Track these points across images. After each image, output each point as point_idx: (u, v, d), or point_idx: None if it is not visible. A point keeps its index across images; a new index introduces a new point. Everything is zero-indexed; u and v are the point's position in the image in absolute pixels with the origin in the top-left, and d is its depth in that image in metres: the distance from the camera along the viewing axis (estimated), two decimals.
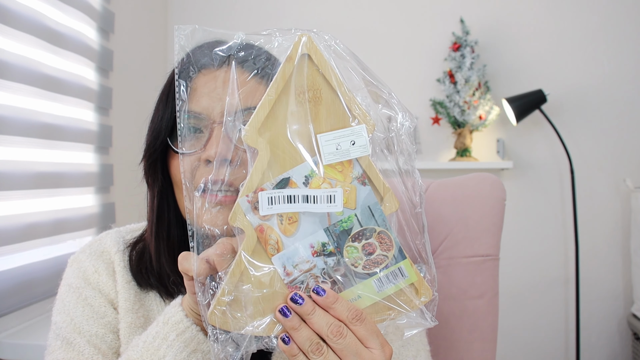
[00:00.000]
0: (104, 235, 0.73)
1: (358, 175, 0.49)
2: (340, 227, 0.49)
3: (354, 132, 0.49)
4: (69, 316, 0.66)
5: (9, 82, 1.29)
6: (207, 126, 0.60)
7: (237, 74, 0.61)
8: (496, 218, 0.91)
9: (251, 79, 0.62)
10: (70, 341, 0.64)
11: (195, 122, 0.60)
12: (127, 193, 1.88)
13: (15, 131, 1.30)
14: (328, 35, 0.51)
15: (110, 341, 0.65)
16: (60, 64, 1.52)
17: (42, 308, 1.43)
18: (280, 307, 0.48)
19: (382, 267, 0.50)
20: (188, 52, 0.61)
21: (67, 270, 0.71)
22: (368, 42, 2.23)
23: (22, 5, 1.34)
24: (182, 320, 0.54)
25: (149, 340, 0.55)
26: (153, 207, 0.66)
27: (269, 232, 0.48)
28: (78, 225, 1.57)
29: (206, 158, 0.59)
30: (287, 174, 0.48)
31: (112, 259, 0.69)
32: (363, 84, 0.52)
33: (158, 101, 0.65)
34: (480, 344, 0.87)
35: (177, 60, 0.59)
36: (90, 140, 1.67)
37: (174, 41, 0.58)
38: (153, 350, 0.54)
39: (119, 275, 0.68)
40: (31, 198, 1.39)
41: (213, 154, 0.57)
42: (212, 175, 0.56)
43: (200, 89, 0.61)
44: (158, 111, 0.64)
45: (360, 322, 0.48)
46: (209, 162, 0.59)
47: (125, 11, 1.94)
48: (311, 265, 0.49)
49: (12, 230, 1.28)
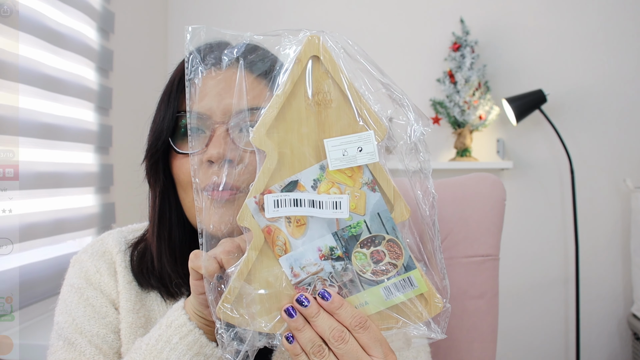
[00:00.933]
0: (106, 236, 0.73)
1: (368, 181, 0.49)
2: (349, 233, 0.49)
3: (362, 138, 0.48)
4: (70, 316, 0.66)
5: (9, 82, 1.29)
6: (209, 126, 0.61)
7: (241, 75, 0.61)
8: (496, 218, 0.91)
9: (258, 80, 0.64)
10: (72, 341, 0.64)
11: (198, 123, 0.60)
12: (127, 193, 1.88)
13: (14, 131, 1.30)
14: (339, 35, 0.50)
15: (111, 341, 0.65)
16: (60, 63, 1.52)
17: (42, 308, 1.43)
18: (286, 307, 0.48)
19: (390, 275, 0.49)
20: (195, 52, 0.61)
21: (69, 270, 0.71)
22: (368, 41, 2.23)
23: (22, 5, 1.34)
24: (185, 324, 0.54)
25: (152, 342, 0.55)
26: (155, 208, 0.66)
27: (277, 233, 0.48)
28: (78, 226, 1.57)
29: (208, 158, 0.59)
30: (296, 177, 0.48)
31: (114, 259, 0.69)
32: (375, 86, 0.50)
33: (160, 101, 0.65)
34: (480, 344, 0.87)
35: (188, 61, 0.59)
36: (90, 140, 1.67)
37: (186, 41, 0.58)
38: (156, 353, 0.54)
39: (120, 276, 0.68)
40: (31, 198, 1.39)
41: (215, 155, 0.58)
42: (215, 176, 0.57)
43: (204, 90, 0.61)
44: (160, 111, 0.64)
45: (364, 330, 0.47)
46: (211, 163, 0.59)
47: (125, 11, 1.94)
48: (318, 268, 0.49)
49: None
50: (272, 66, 0.66)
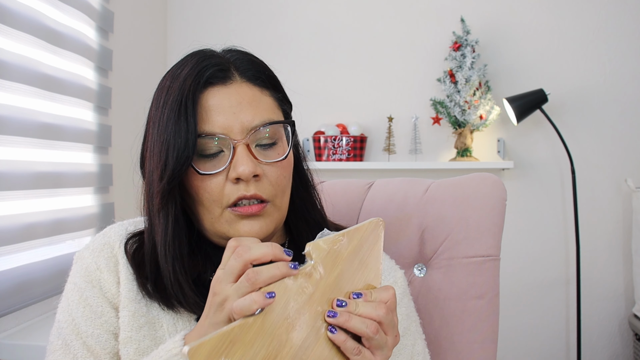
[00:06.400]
0: (108, 230, 0.73)
1: None
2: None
3: None
4: (70, 316, 0.66)
5: (9, 82, 1.29)
6: (227, 145, 0.63)
7: (247, 90, 0.66)
8: (497, 218, 0.90)
9: (262, 91, 0.67)
10: (68, 343, 0.65)
11: (217, 142, 0.63)
12: (127, 193, 1.88)
13: (14, 131, 1.30)
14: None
15: (104, 342, 0.65)
16: (59, 63, 1.52)
17: (41, 309, 1.42)
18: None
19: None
20: (190, 68, 0.64)
21: (72, 267, 0.71)
22: (368, 41, 2.22)
23: (21, 4, 1.33)
24: (178, 355, 0.53)
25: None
26: (167, 230, 0.64)
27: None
28: (77, 226, 1.57)
29: (236, 177, 0.62)
30: None
31: (116, 252, 0.69)
32: None
33: (173, 124, 0.62)
34: (481, 345, 0.87)
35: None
36: (89, 140, 1.67)
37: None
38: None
39: (122, 267, 0.67)
40: (30, 198, 1.39)
41: (244, 173, 0.61)
42: (243, 192, 0.62)
43: (213, 108, 0.63)
44: (178, 136, 0.61)
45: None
46: (238, 180, 0.62)
47: (125, 11, 1.94)
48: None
49: (11, 231, 1.28)
50: (271, 76, 0.70)
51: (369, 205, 0.97)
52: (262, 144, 0.65)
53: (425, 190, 0.96)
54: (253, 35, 2.28)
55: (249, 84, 0.66)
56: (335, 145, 2.11)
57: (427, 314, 0.88)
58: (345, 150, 2.11)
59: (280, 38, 2.28)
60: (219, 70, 0.65)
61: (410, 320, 0.75)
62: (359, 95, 2.23)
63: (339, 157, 2.12)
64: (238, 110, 0.63)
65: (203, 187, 0.63)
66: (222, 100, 0.63)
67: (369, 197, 0.98)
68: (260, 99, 0.66)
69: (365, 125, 2.20)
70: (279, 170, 0.66)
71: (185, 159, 0.61)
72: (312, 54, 2.26)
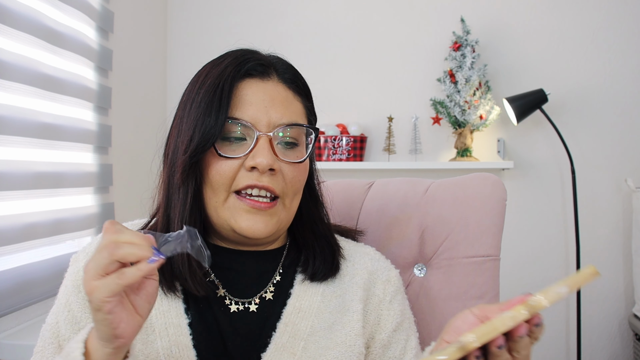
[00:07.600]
0: None
1: None
2: None
3: None
4: (56, 318, 0.68)
5: (8, 82, 1.28)
6: (251, 135, 0.65)
7: (281, 90, 0.69)
8: (497, 218, 0.90)
9: (295, 97, 0.71)
10: (46, 346, 0.67)
11: (241, 130, 0.65)
12: (127, 193, 1.88)
13: (14, 131, 1.30)
14: None
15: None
16: (59, 63, 1.52)
17: (41, 309, 1.42)
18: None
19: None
20: (233, 59, 0.67)
21: (67, 269, 0.72)
22: (368, 41, 2.22)
23: (21, 4, 1.33)
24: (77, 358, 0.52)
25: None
26: (186, 205, 0.66)
27: None
28: (77, 226, 1.57)
29: (253, 165, 0.64)
30: None
31: None
32: None
33: (206, 104, 0.65)
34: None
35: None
36: (89, 140, 1.67)
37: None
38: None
39: None
40: (30, 198, 1.39)
41: (261, 162, 0.63)
42: (255, 181, 0.64)
43: (247, 98, 0.66)
44: (209, 115, 0.64)
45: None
46: (253, 169, 0.64)
47: (125, 11, 1.94)
48: None
49: (11, 231, 1.28)
50: (306, 85, 0.74)
51: (369, 205, 0.97)
52: (283, 143, 0.68)
53: (425, 190, 0.96)
54: (253, 35, 2.28)
55: (285, 86, 0.70)
56: (335, 145, 2.11)
57: (428, 313, 0.88)
58: (345, 150, 2.11)
59: (280, 38, 2.27)
60: (259, 64, 0.68)
61: (404, 317, 0.77)
62: (359, 95, 2.23)
63: (339, 157, 2.12)
64: (269, 106, 0.66)
65: (216, 169, 0.65)
66: (256, 93, 0.67)
67: (369, 197, 0.98)
68: (292, 102, 0.70)
69: (365, 125, 2.20)
70: (295, 171, 0.68)
71: (210, 136, 0.64)
72: (312, 54, 2.26)
